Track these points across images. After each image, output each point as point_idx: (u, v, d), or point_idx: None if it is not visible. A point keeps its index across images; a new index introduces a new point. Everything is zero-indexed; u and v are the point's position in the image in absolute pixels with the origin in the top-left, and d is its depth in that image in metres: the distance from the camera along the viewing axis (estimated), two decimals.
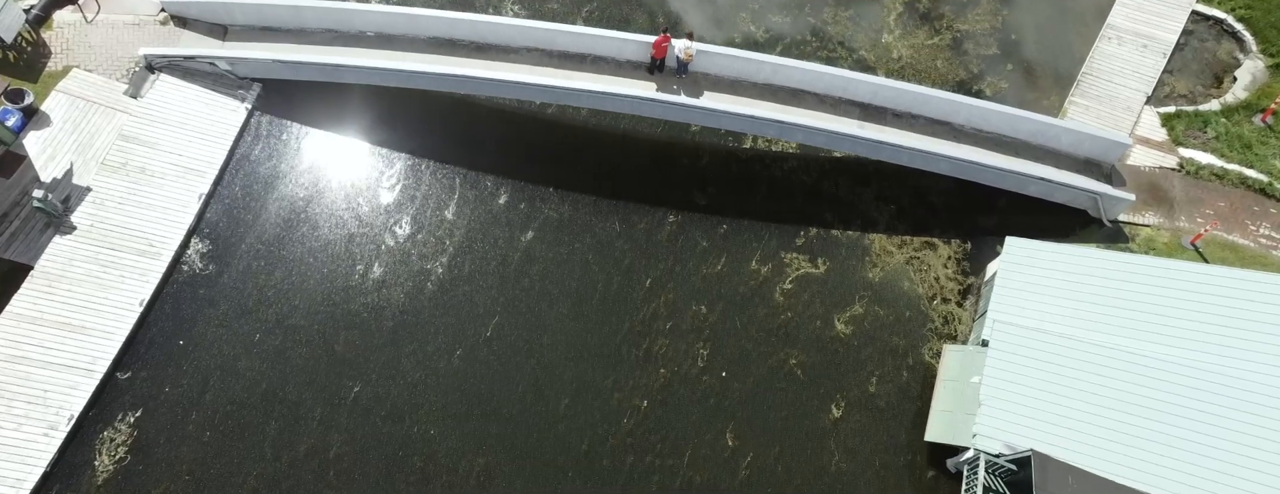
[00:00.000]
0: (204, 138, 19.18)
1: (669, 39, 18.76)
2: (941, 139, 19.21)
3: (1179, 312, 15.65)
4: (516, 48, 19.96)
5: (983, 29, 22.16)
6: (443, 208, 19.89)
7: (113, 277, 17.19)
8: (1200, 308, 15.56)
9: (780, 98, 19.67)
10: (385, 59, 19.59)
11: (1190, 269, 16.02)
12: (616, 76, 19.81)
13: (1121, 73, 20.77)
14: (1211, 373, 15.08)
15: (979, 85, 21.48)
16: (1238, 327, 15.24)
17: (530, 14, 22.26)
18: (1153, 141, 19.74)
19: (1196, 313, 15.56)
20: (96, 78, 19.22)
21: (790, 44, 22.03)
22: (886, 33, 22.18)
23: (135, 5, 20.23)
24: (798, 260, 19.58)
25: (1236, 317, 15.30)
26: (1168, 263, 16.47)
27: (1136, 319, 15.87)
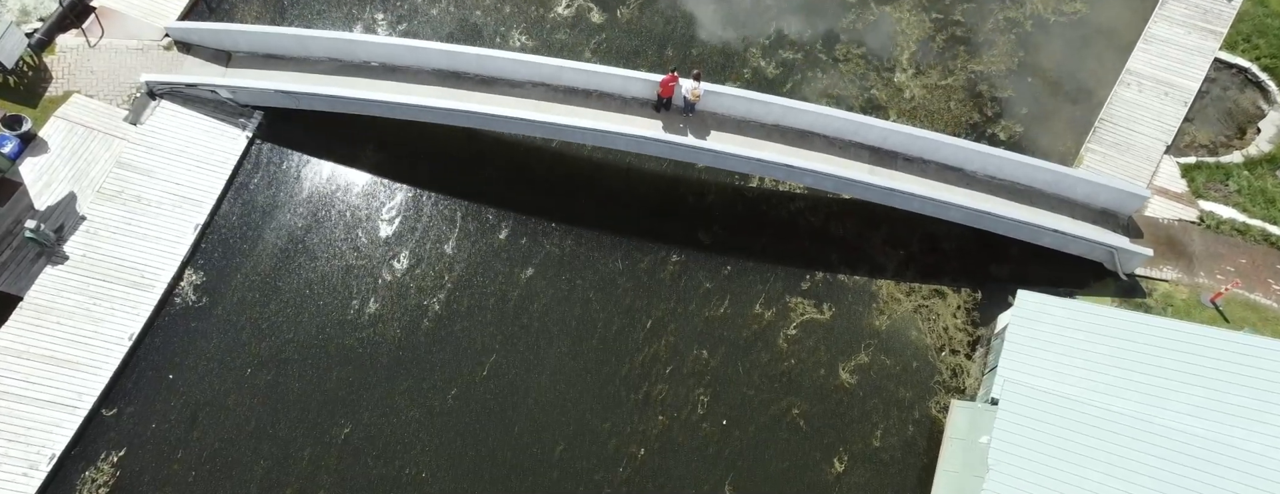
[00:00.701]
0: (202, 166, 18.77)
1: (676, 79, 18.26)
2: (953, 186, 18.61)
3: (1199, 379, 14.95)
4: (522, 82, 19.52)
5: (998, 70, 21.54)
6: (443, 241, 19.39)
7: (103, 309, 16.75)
8: (1222, 376, 14.85)
9: (789, 139, 19.11)
10: (388, 91, 19.17)
11: (1212, 335, 15.31)
12: (622, 114, 19.32)
13: (1141, 120, 20.14)
14: (1232, 447, 14.36)
15: (993, 129, 20.87)
16: (1261, 398, 14.52)
17: (538, 44, 21.82)
18: (1172, 193, 19.07)
19: (1218, 381, 14.85)
20: (97, 104, 18.87)
21: (800, 82, 21.49)
22: (899, 71, 21.60)
23: (139, 30, 19.90)
24: (803, 305, 18.96)
25: (1260, 387, 14.58)
26: (1188, 327, 15.76)
27: (1154, 385, 15.16)
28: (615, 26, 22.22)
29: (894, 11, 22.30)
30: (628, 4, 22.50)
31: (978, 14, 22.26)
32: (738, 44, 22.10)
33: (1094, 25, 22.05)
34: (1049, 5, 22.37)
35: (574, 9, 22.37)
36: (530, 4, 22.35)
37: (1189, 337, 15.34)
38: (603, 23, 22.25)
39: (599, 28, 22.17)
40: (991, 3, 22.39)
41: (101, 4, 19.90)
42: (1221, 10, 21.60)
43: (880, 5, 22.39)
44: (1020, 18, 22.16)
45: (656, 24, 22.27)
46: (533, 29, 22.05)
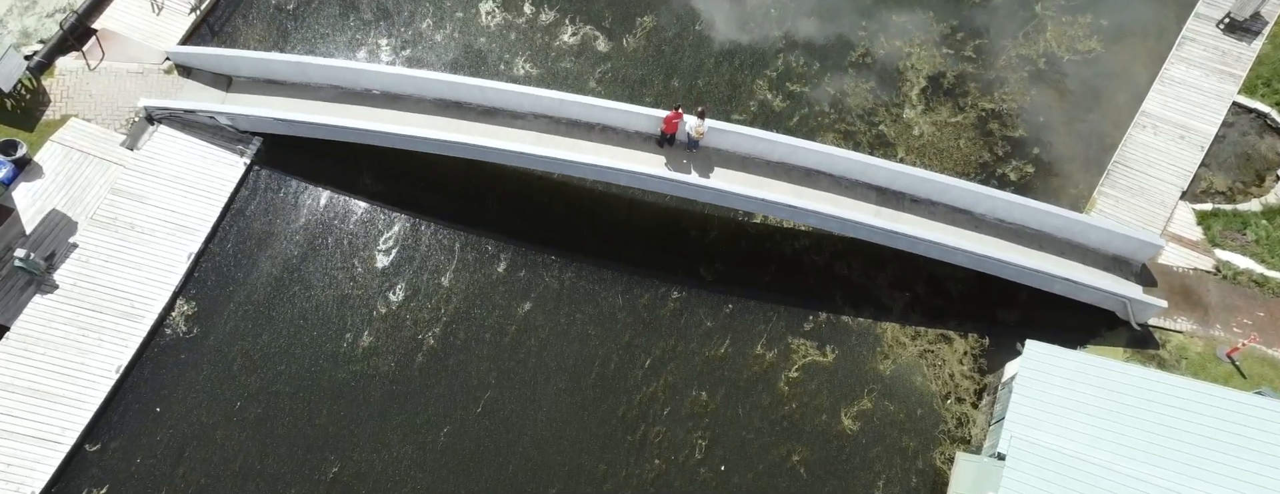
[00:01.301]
0: (198, 193, 18.38)
1: (680, 115, 17.81)
2: (961, 228, 18.08)
3: (1215, 443, 14.32)
4: (524, 113, 19.09)
5: (1009, 109, 21.00)
6: (440, 273, 18.92)
7: (91, 340, 16.34)
8: (1238, 441, 14.21)
9: (794, 177, 18.61)
10: (388, 122, 18.77)
11: (1230, 397, 14.66)
12: (625, 148, 18.86)
13: (1155, 164, 19.56)
14: None
15: (1003, 168, 20.31)
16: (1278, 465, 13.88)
17: (543, 72, 21.40)
18: (1187, 240, 18.47)
19: (1234, 446, 14.22)
20: (94, 128, 18.53)
21: (807, 115, 21.00)
22: (908, 107, 21.09)
23: (140, 53, 19.57)
24: (805, 347, 18.41)
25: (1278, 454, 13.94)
26: (1206, 388, 15.09)
27: (1168, 446, 14.54)
28: (621, 55, 21.80)
29: (904, 46, 21.81)
30: (634, 33, 22.09)
31: (989, 50, 21.75)
32: (745, 75, 21.63)
33: (1109, 65, 21.52)
34: (1063, 43, 21.84)
35: (579, 37, 21.96)
36: (535, 31, 21.96)
37: (1206, 397, 14.70)
38: (608, 52, 21.83)
39: (604, 57, 21.75)
40: (1004, 39, 21.88)
41: (103, 26, 19.61)
42: (1240, 53, 21.07)
43: (890, 39, 21.90)
44: (1033, 55, 21.64)
45: (663, 54, 21.84)
46: (537, 57, 21.65)
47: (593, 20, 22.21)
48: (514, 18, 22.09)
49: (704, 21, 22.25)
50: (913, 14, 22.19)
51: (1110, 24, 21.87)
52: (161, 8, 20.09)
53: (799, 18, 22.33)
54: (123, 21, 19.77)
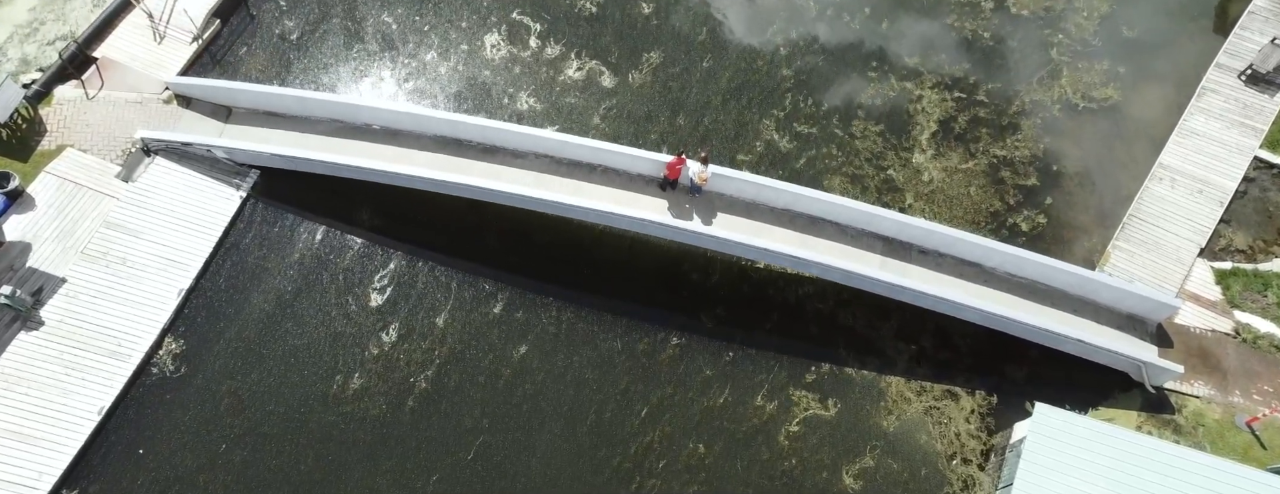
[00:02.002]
0: (192, 227, 17.92)
1: (684, 162, 17.25)
2: (970, 282, 17.42)
3: None
4: (525, 153, 18.58)
5: (1022, 156, 20.33)
6: (435, 312, 18.36)
7: (75, 380, 15.84)
8: None
9: (799, 224, 18.01)
10: (388, 158, 18.30)
11: (1251, 478, 13.89)
12: (627, 191, 18.31)
13: (1172, 218, 18.83)
14: None
15: (1015, 218, 19.62)
16: None
17: (547, 106, 20.90)
18: (1205, 299, 17.72)
19: None
20: (90, 159, 18.12)
21: (815, 157, 20.39)
22: (918, 152, 20.46)
23: (140, 83, 19.19)
24: (806, 399, 17.73)
25: None
26: (1224, 465, 14.35)
27: None
28: (627, 91, 21.28)
29: (915, 88, 21.21)
30: (640, 69, 21.57)
31: (1002, 95, 21.11)
32: (752, 114, 21.06)
33: (1125, 114, 20.84)
34: (1078, 90, 21.17)
35: (585, 72, 21.47)
36: (540, 65, 21.48)
37: (1225, 475, 13.94)
38: (613, 87, 21.32)
39: (610, 92, 21.24)
40: (1017, 84, 21.25)
41: (104, 55, 19.24)
42: (1263, 105, 20.33)
43: (901, 80, 21.31)
44: (1047, 101, 20.99)
45: (670, 90, 21.30)
46: (542, 91, 21.16)
47: (598, 55, 21.72)
48: (519, 51, 21.62)
49: (712, 58, 21.72)
50: (924, 56, 21.60)
51: (1128, 72, 21.22)
52: (163, 37, 19.72)
53: (808, 57, 21.78)
54: (124, 50, 19.41)
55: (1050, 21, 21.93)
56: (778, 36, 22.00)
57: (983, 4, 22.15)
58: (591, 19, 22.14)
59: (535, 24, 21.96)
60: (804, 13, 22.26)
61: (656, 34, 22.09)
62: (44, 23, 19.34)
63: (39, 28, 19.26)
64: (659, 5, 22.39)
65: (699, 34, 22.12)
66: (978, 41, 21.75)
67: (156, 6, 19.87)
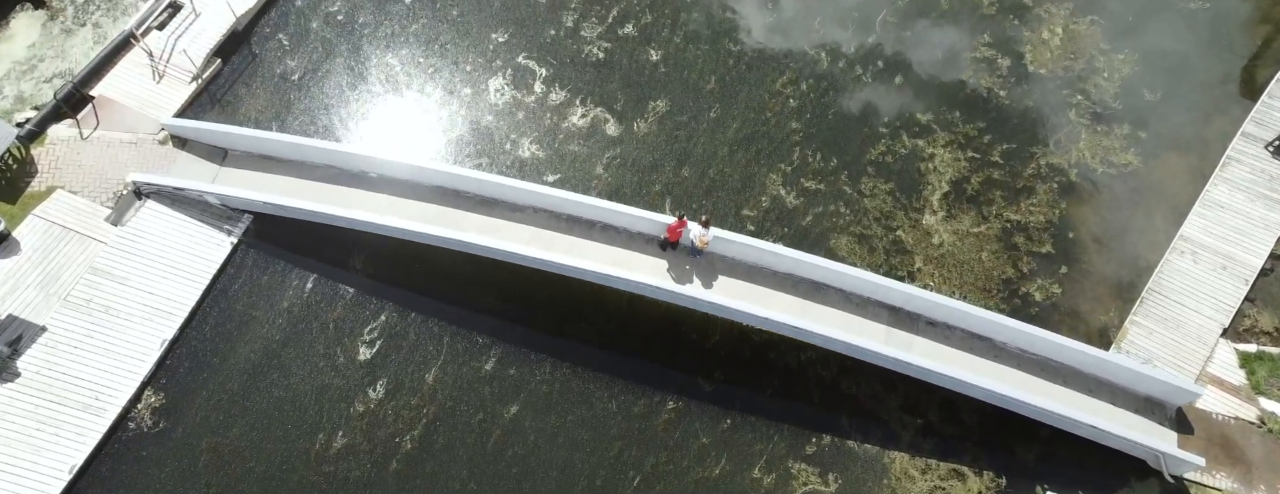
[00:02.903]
0: (180, 275, 17.29)
1: (685, 224, 16.48)
2: (980, 357, 16.50)
3: None
4: (523, 207, 17.87)
5: (1037, 222, 19.41)
6: (425, 367, 17.59)
7: (47, 436, 15.16)
8: None
9: (802, 290, 17.17)
10: (384, 207, 17.67)
11: None
12: (626, 250, 17.55)
13: (1194, 294, 17.86)
14: None
15: (1027, 287, 18.69)
16: None
17: (549, 154, 20.19)
18: (1228, 384, 16.69)
19: None
20: (80, 201, 17.55)
21: (821, 215, 19.56)
22: (929, 213, 19.59)
23: (136, 123, 18.66)
24: (806, 473, 16.79)
25: None
26: None
27: None
28: (631, 140, 20.56)
29: (927, 146, 20.37)
30: (645, 117, 20.87)
31: (1017, 157, 20.23)
32: (758, 167, 20.25)
33: (1146, 181, 19.87)
34: (1097, 154, 20.25)
35: (589, 119, 20.79)
36: (544, 111, 20.81)
37: None
38: (618, 135, 20.60)
39: (614, 141, 20.52)
40: (1033, 146, 20.36)
41: (101, 93, 18.76)
42: None
43: (913, 138, 20.48)
44: (1064, 165, 20.08)
45: (676, 139, 20.56)
46: (545, 138, 20.47)
47: (604, 102, 21.04)
48: (523, 96, 20.98)
49: (720, 108, 20.99)
50: (938, 113, 20.79)
51: (1149, 137, 20.30)
52: (163, 75, 19.23)
53: (818, 110, 21.00)
54: (121, 89, 18.92)
55: (1069, 81, 21.08)
56: (787, 88, 21.26)
57: (999, 60, 21.35)
58: (598, 65, 21.49)
59: (541, 69, 21.33)
60: (815, 65, 21.52)
61: (664, 82, 21.40)
62: (43, 59, 18.91)
63: (37, 64, 18.83)
64: (667, 52, 21.72)
65: (707, 82, 21.42)
66: (993, 99, 20.92)
67: (158, 45, 19.43)
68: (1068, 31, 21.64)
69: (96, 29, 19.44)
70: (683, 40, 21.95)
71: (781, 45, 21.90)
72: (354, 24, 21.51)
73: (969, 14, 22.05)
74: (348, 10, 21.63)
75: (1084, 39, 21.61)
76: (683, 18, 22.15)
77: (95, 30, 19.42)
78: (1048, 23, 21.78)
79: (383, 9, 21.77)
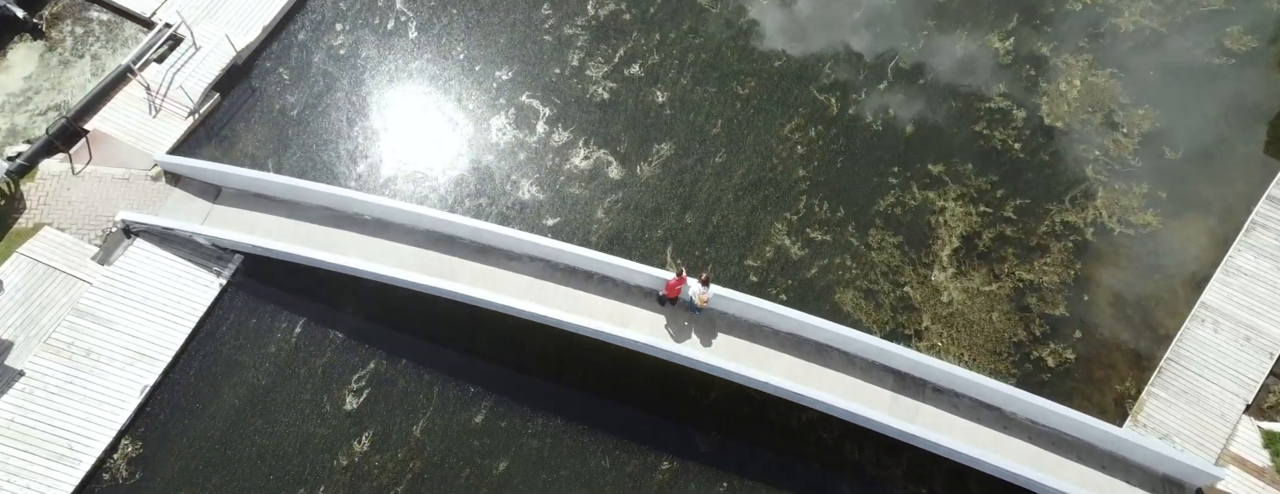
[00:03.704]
0: (166, 317, 16.66)
1: (684, 281, 15.73)
2: (988, 427, 15.64)
3: None
4: (520, 255, 17.17)
5: (1051, 282, 18.53)
6: (413, 418, 16.85)
7: (16, 489, 14.49)
8: None
9: (805, 351, 16.36)
10: (376, 253, 17.03)
11: None
12: (623, 303, 16.81)
13: (1215, 367, 16.90)
14: None
15: (1040, 351, 17.78)
16: None
17: (550, 196, 19.48)
18: (1251, 465, 15.70)
19: None
20: (68, 238, 16.99)
21: (827, 267, 18.75)
22: (938, 269, 18.74)
23: (130, 158, 18.11)
24: None
25: None
26: None
27: None
28: (634, 184, 19.84)
29: (938, 199, 19.54)
30: (649, 160, 20.15)
31: (1031, 213, 19.35)
32: (763, 216, 19.47)
33: (1165, 243, 18.93)
34: (1115, 213, 19.32)
35: (592, 162, 20.09)
36: (546, 152, 20.13)
37: None
38: (621, 179, 19.89)
39: (617, 185, 19.80)
40: (1048, 201, 19.48)
41: (95, 128, 18.23)
42: None
43: (923, 189, 19.66)
44: (1080, 223, 19.16)
45: (681, 183, 19.81)
46: (546, 180, 19.78)
47: (607, 144, 20.35)
48: (525, 136, 20.33)
49: (726, 152, 20.22)
50: (949, 164, 19.93)
51: (1169, 197, 19.36)
52: (159, 110, 18.70)
53: (826, 156, 20.19)
54: (117, 123, 18.39)
55: (1087, 136, 20.21)
56: (795, 133, 20.51)
57: (1015, 112, 20.51)
58: (603, 105, 20.83)
59: (544, 108, 20.68)
60: (824, 110, 20.77)
61: (670, 124, 20.70)
62: (39, 91, 18.42)
63: (32, 97, 18.34)
64: (674, 94, 21.04)
65: (713, 126, 20.71)
66: (1007, 152, 20.07)
67: (156, 78, 18.92)
68: (1086, 84, 20.81)
69: (95, 61, 18.96)
70: (690, 82, 21.28)
71: (790, 89, 21.18)
72: (356, 58, 20.97)
73: (985, 62, 21.25)
74: (351, 44, 21.10)
75: (1103, 92, 20.78)
76: (691, 58, 21.49)
77: (93, 62, 18.95)
78: (1066, 74, 20.98)
79: (386, 43, 21.24)
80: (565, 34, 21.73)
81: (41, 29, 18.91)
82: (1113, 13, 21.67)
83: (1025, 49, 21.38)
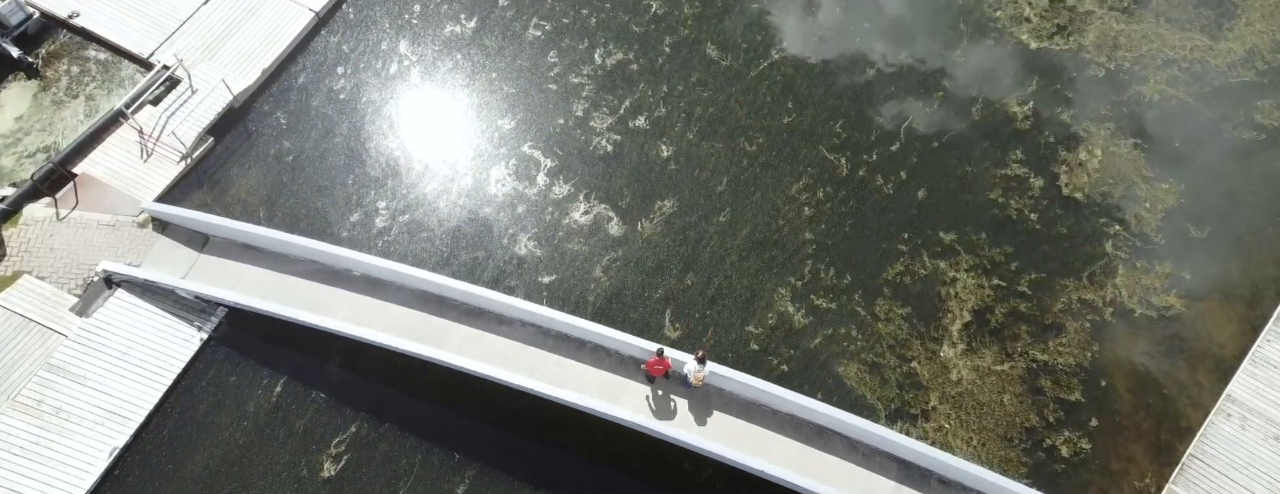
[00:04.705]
0: (142, 373, 15.83)
1: (666, 363, 14.68)
2: None
3: None
4: (511, 320, 16.26)
5: (1066, 364, 17.39)
6: (393, 487, 15.81)
7: None
8: None
9: (804, 434, 15.31)
10: (363, 312, 16.19)
11: None
12: (616, 375, 15.84)
13: (1242, 468, 15.69)
14: None
15: (1053, 439, 16.61)
16: None
17: (547, 252, 18.55)
18: None
19: None
20: (47, 288, 16.23)
21: (831, 338, 17.71)
22: (947, 344, 17.66)
23: (118, 203, 17.38)
24: None
25: None
26: None
27: None
28: (634, 241, 18.90)
29: (949, 269, 18.48)
30: (651, 217, 19.22)
31: (1047, 288, 18.24)
32: (767, 280, 18.41)
33: (1190, 329, 17.75)
34: (1134, 293, 18.18)
35: (592, 217, 19.19)
36: (546, 205, 19.25)
37: None
38: (621, 236, 18.96)
39: (617, 241, 18.87)
40: (1065, 277, 18.37)
41: (84, 171, 17.53)
42: None
43: (934, 258, 18.61)
44: (1098, 303, 18.03)
45: (685, 241, 18.84)
46: (544, 234, 18.88)
47: (609, 199, 19.46)
48: (525, 188, 19.47)
49: (730, 211, 19.25)
50: (962, 233, 18.87)
51: (1193, 279, 18.21)
52: (151, 153, 18.00)
53: (834, 219, 19.16)
54: (106, 167, 17.69)
55: (1107, 209, 19.11)
56: (803, 194, 19.54)
57: (1032, 180, 19.46)
58: (606, 158, 19.95)
59: (546, 159, 19.84)
60: (834, 170, 19.81)
61: (674, 179, 19.79)
62: (29, 132, 17.76)
63: (22, 138, 17.67)
64: (679, 148, 20.15)
65: (718, 183, 19.78)
66: (1023, 222, 18.99)
67: (149, 121, 18.22)
68: (1108, 153, 19.74)
69: (89, 102, 18.31)
70: (696, 136, 20.39)
71: (799, 147, 20.23)
72: (357, 103, 20.22)
73: (1002, 126, 20.24)
74: (351, 88, 20.37)
75: (1125, 163, 19.70)
76: (698, 112, 20.62)
77: (87, 103, 18.30)
78: (1086, 142, 19.92)
79: (388, 88, 20.50)
80: (571, 83, 20.94)
81: (37, 68, 18.31)
82: (1137, 80, 20.66)
83: (1044, 114, 20.37)
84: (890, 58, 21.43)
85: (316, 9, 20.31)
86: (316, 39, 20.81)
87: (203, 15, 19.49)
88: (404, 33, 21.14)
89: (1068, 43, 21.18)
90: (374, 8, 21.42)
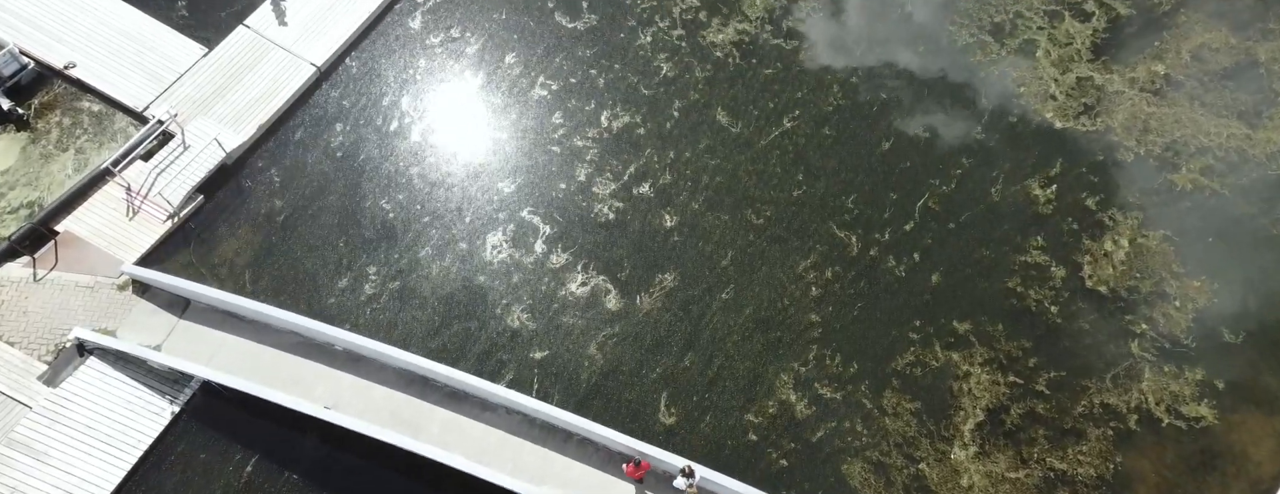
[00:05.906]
0: (107, 450, 14.79)
1: (646, 468, 13.45)
2: None
3: None
4: (495, 406, 15.13)
5: (1087, 475, 15.97)
6: None
7: None
8: None
9: None
10: (343, 389, 15.09)
11: None
12: (602, 471, 14.68)
13: None
14: None
15: None
16: None
17: (541, 325, 17.42)
18: None
19: None
20: (16, 355, 15.28)
21: (835, 431, 16.42)
22: (958, 445, 16.31)
23: (99, 264, 16.45)
24: None
25: None
26: None
27: None
28: (633, 316, 17.74)
29: (963, 362, 17.17)
30: (651, 291, 18.07)
31: (1067, 389, 16.89)
32: (769, 365, 17.18)
33: (1223, 443, 16.31)
34: (1162, 400, 16.79)
35: (589, 289, 18.07)
36: (542, 275, 18.17)
37: None
38: (619, 310, 17.81)
39: (614, 316, 17.71)
40: (1087, 378, 17.02)
41: (67, 229, 16.64)
42: None
43: (946, 350, 17.31)
44: (1122, 408, 16.64)
45: (686, 317, 17.64)
46: (539, 306, 17.76)
47: (608, 270, 18.33)
48: (521, 256, 18.39)
49: (734, 288, 18.06)
50: (977, 323, 17.59)
51: (1227, 387, 16.79)
52: (137, 212, 17.11)
53: (842, 302, 17.91)
54: (90, 225, 16.79)
55: (1133, 305, 17.76)
56: (810, 273, 18.32)
57: (1053, 269, 18.15)
58: (607, 226, 18.86)
59: (545, 226, 18.76)
60: (844, 249, 18.60)
61: (676, 252, 18.65)
62: (14, 187, 16.93)
63: (6, 192, 16.82)
64: (683, 218, 19.02)
65: (723, 257, 18.61)
66: (1043, 315, 17.67)
67: (138, 178, 17.34)
68: (1135, 245, 18.41)
69: (79, 155, 17.50)
70: (702, 206, 19.27)
71: (809, 222, 19.03)
72: (354, 160, 19.27)
73: (1023, 209, 18.96)
74: (349, 145, 19.45)
75: (1154, 256, 18.35)
76: (705, 180, 19.52)
77: (77, 156, 17.47)
78: (1112, 232, 18.60)
79: (387, 145, 19.54)
80: (575, 145, 19.90)
81: (27, 120, 17.54)
82: (1169, 167, 19.35)
83: (1068, 199, 19.04)
84: (908, 131, 20.27)
85: (318, 64, 19.51)
86: (317, 93, 19.97)
87: (201, 68, 18.68)
88: (407, 88, 20.22)
89: (1094, 124, 19.95)
90: (378, 61, 20.58)
